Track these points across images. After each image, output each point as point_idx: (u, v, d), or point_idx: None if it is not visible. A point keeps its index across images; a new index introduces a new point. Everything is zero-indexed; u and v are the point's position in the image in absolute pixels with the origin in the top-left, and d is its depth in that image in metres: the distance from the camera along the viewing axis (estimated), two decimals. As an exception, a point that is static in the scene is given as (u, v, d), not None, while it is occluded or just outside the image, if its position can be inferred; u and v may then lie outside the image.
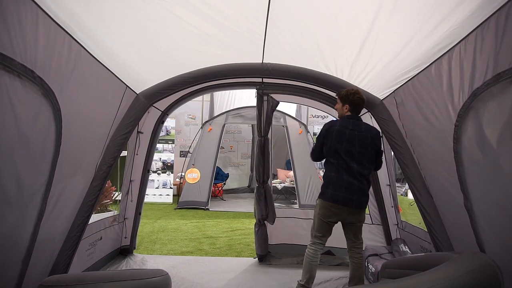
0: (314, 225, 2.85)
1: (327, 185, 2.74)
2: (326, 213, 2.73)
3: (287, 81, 3.32)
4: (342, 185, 2.67)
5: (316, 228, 2.82)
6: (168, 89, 3.12)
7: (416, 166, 2.67)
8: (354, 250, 2.86)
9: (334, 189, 2.69)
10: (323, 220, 2.77)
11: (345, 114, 2.82)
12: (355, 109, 2.79)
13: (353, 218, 2.75)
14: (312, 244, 2.84)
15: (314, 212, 2.87)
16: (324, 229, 2.80)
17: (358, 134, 2.70)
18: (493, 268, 1.52)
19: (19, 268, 1.93)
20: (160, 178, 8.04)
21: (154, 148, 4.11)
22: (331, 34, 2.40)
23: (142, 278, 1.84)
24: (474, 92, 1.77)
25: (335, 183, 2.69)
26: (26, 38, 1.60)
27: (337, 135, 2.71)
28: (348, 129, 2.71)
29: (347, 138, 2.69)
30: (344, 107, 2.81)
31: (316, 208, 2.84)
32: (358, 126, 2.75)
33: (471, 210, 1.98)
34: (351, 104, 2.77)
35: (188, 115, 9.41)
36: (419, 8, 1.87)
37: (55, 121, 1.96)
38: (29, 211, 1.94)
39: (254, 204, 3.87)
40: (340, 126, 2.74)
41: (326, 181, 2.77)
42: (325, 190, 2.76)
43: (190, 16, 2.17)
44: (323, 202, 2.75)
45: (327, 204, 2.72)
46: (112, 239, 3.85)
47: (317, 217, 2.81)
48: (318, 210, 2.79)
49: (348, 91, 2.78)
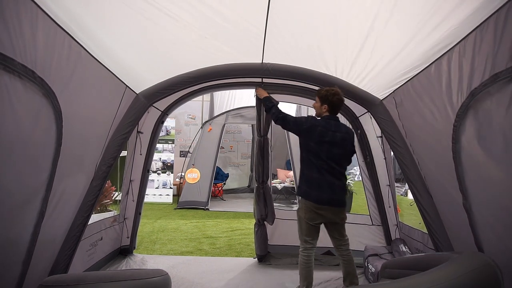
0: (302, 230, 2.84)
1: (310, 186, 2.74)
2: (312, 216, 2.74)
3: (287, 81, 3.32)
4: (325, 186, 2.70)
5: (305, 233, 2.82)
6: (167, 89, 3.12)
7: (415, 166, 2.68)
8: (341, 248, 2.88)
9: (318, 190, 2.71)
10: (310, 224, 2.78)
11: (323, 113, 2.81)
12: (333, 110, 2.79)
13: (337, 217, 2.79)
14: (304, 249, 2.83)
15: (299, 216, 2.86)
16: (312, 232, 2.82)
17: (339, 136, 2.73)
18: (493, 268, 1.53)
19: (19, 268, 1.94)
20: (160, 178, 8.04)
21: (154, 148, 4.12)
22: (331, 34, 2.40)
23: (142, 278, 1.84)
24: (472, 92, 1.78)
25: (318, 184, 2.71)
26: (26, 38, 1.60)
27: (320, 136, 2.71)
28: (330, 130, 2.73)
29: (329, 139, 2.71)
30: (322, 107, 2.80)
31: (300, 211, 2.83)
32: (339, 127, 2.78)
33: (470, 210, 1.98)
34: (330, 105, 2.77)
35: (188, 115, 9.41)
36: (419, 9, 1.87)
37: (55, 122, 1.96)
38: (30, 211, 1.94)
39: (253, 204, 3.87)
40: (323, 127, 2.73)
41: (308, 181, 2.76)
42: (308, 190, 2.76)
43: (189, 17, 2.17)
44: (307, 203, 2.75)
45: (312, 205, 2.73)
46: (112, 239, 3.85)
47: (303, 221, 2.80)
48: (304, 214, 2.78)
49: (328, 91, 2.76)
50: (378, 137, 3.73)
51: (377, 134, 3.71)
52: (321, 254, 3.93)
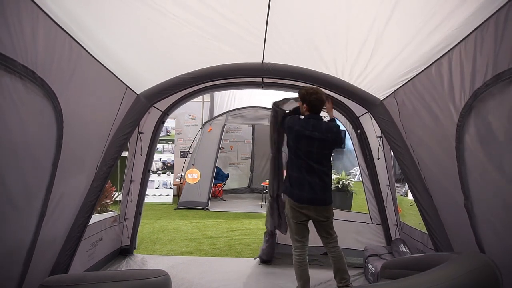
0: (291, 229, 2.89)
1: (292, 184, 2.79)
2: (296, 214, 2.79)
3: (287, 81, 3.32)
4: (305, 185, 2.72)
5: (294, 232, 2.86)
6: (168, 90, 3.12)
7: (415, 166, 2.68)
8: (329, 245, 2.89)
9: (298, 188, 2.74)
10: (296, 223, 2.81)
11: (305, 113, 2.85)
12: (313, 109, 2.82)
13: (321, 215, 2.80)
14: (296, 248, 2.85)
15: (286, 215, 2.91)
16: (301, 230, 2.85)
17: (317, 136, 2.73)
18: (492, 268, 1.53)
19: (20, 268, 1.94)
20: (160, 178, 8.04)
21: (154, 148, 4.12)
22: (331, 34, 2.40)
23: (142, 278, 1.85)
24: (475, 93, 1.78)
25: (298, 182, 2.74)
26: (26, 39, 1.60)
27: (296, 136, 2.76)
28: (307, 130, 2.74)
29: (306, 139, 2.73)
30: (303, 106, 2.85)
31: (287, 210, 2.88)
32: (319, 126, 2.77)
33: (471, 211, 1.98)
34: (308, 104, 2.81)
35: (188, 116, 9.41)
36: (420, 9, 1.88)
37: (56, 122, 1.96)
38: (31, 212, 1.95)
39: (266, 216, 3.74)
40: (299, 126, 2.77)
41: (290, 180, 2.82)
42: (290, 188, 2.81)
43: (190, 17, 2.17)
44: (291, 202, 2.80)
45: (294, 204, 2.77)
46: (112, 240, 3.86)
47: (291, 220, 2.85)
48: (289, 213, 2.83)
49: (307, 91, 2.81)
50: (378, 137, 3.73)
51: (377, 134, 3.71)
52: (321, 254, 3.93)
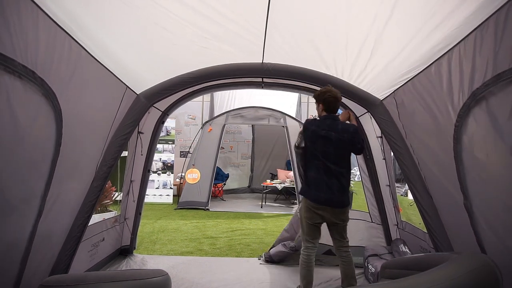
0: (303, 229, 2.88)
1: (309, 185, 2.79)
2: (312, 215, 2.77)
3: (287, 81, 3.32)
4: (323, 186, 2.71)
5: (306, 232, 2.85)
6: (168, 90, 3.12)
7: (415, 166, 2.68)
8: (341, 249, 2.87)
9: (315, 189, 2.73)
10: (310, 223, 2.80)
11: (321, 113, 2.86)
12: (329, 107, 2.81)
13: (337, 218, 2.77)
14: (305, 248, 2.85)
15: (300, 215, 2.89)
16: (313, 231, 2.84)
17: (334, 135, 2.72)
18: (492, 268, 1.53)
19: (17, 267, 1.94)
20: (160, 178, 8.04)
21: (154, 148, 4.12)
22: (331, 34, 2.40)
23: (142, 278, 1.85)
24: (474, 93, 1.78)
25: (316, 183, 2.74)
26: (26, 39, 1.60)
27: (312, 136, 2.76)
28: (324, 130, 2.73)
29: (322, 139, 2.72)
30: (319, 107, 2.86)
31: (301, 211, 2.87)
32: (335, 126, 2.76)
33: (470, 210, 1.98)
34: (324, 103, 2.80)
35: (188, 116, 9.42)
36: (419, 9, 1.88)
37: (55, 122, 1.96)
38: (29, 210, 1.95)
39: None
40: (315, 127, 2.78)
41: (307, 180, 2.82)
42: (307, 189, 2.81)
43: (189, 17, 2.17)
44: (307, 202, 2.79)
45: (311, 205, 2.76)
46: (113, 240, 3.86)
47: (304, 220, 2.84)
48: (304, 213, 2.82)
49: (321, 91, 2.83)
50: (378, 137, 3.73)
51: (377, 134, 3.71)
52: (322, 254, 3.93)
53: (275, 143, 9.81)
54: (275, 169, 9.30)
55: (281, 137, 8.64)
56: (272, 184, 8.09)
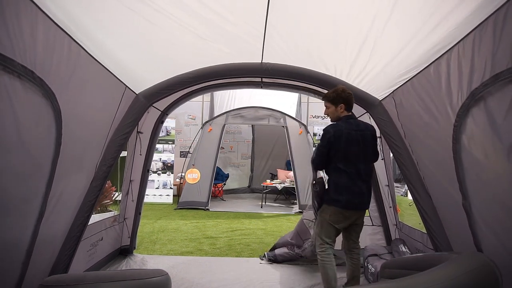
0: (322, 231, 2.72)
1: (340, 192, 2.63)
2: (339, 218, 2.66)
3: (286, 81, 3.33)
4: (355, 191, 2.62)
5: (325, 234, 2.71)
6: (167, 89, 3.12)
7: (414, 166, 2.68)
8: (354, 251, 2.84)
9: (348, 195, 2.62)
10: (333, 226, 2.69)
11: (340, 115, 2.74)
12: (349, 106, 2.74)
13: (360, 219, 2.77)
14: (325, 249, 2.71)
15: (322, 217, 2.74)
16: (334, 234, 2.73)
17: (361, 134, 2.67)
18: (492, 268, 1.53)
19: (19, 268, 1.94)
20: (160, 178, 8.04)
21: (154, 148, 4.12)
22: (330, 34, 2.41)
23: (142, 278, 1.85)
24: (473, 93, 1.78)
25: (349, 189, 2.62)
26: (25, 39, 1.61)
27: (347, 140, 2.61)
28: (353, 130, 2.65)
29: (355, 141, 2.64)
30: (338, 108, 2.72)
31: (325, 213, 2.71)
32: (359, 125, 2.72)
33: (469, 210, 1.98)
34: (345, 102, 2.70)
35: (188, 116, 9.42)
36: (418, 9, 1.88)
37: (55, 122, 1.96)
38: (30, 211, 1.95)
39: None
40: (347, 129, 2.64)
41: (336, 187, 2.65)
42: (337, 197, 2.63)
43: (188, 18, 2.18)
44: (335, 208, 2.65)
45: (339, 211, 2.64)
46: (112, 239, 3.86)
47: (326, 222, 2.70)
48: (328, 216, 2.68)
49: (337, 91, 2.70)
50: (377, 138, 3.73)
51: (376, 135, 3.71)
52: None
53: (275, 143, 9.82)
54: (275, 169, 9.31)
55: (281, 137, 8.64)
56: (272, 184, 8.10)
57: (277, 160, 9.83)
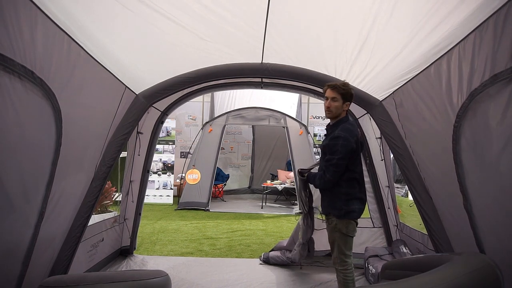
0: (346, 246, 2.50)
1: (353, 202, 2.45)
2: (354, 227, 2.51)
3: (286, 81, 3.32)
4: (363, 198, 2.57)
5: (346, 248, 2.50)
6: (167, 89, 3.11)
7: (415, 167, 2.67)
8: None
9: (359, 204, 2.51)
10: (350, 236, 2.50)
11: (342, 113, 2.48)
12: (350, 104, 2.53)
13: None
14: (348, 265, 2.51)
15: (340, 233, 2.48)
16: (352, 244, 2.55)
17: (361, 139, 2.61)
18: (493, 268, 1.53)
19: (19, 269, 1.94)
20: (160, 179, 8.04)
21: (153, 148, 4.11)
22: (330, 35, 2.40)
23: (142, 279, 1.85)
24: (472, 93, 1.78)
25: (361, 199, 2.53)
26: (25, 39, 1.61)
27: (357, 147, 2.44)
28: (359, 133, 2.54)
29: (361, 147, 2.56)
30: (344, 105, 2.45)
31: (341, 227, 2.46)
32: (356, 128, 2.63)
33: (470, 211, 1.98)
34: (351, 101, 2.50)
35: (188, 116, 9.42)
36: (419, 9, 1.88)
37: (55, 122, 1.96)
38: (30, 211, 1.95)
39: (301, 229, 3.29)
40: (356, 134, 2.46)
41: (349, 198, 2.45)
42: (351, 207, 2.44)
43: (188, 18, 2.18)
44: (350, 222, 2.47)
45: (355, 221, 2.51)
46: (113, 240, 3.85)
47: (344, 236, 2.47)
48: (346, 228, 2.45)
49: (347, 86, 2.43)
50: (377, 138, 3.73)
51: (377, 136, 3.71)
52: (323, 256, 3.93)
53: (276, 144, 9.81)
54: (276, 170, 9.30)
55: (282, 138, 8.64)
56: (273, 185, 8.09)
57: (277, 160, 9.82)
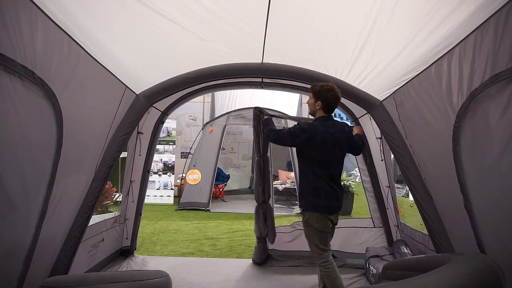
0: (318, 240, 2.60)
1: (318, 196, 2.54)
2: (326, 223, 2.57)
3: (286, 81, 3.32)
4: (333, 195, 2.57)
5: (321, 242, 2.60)
6: (167, 89, 3.12)
7: (416, 167, 2.67)
8: None
9: (326, 200, 2.55)
10: (324, 231, 2.59)
11: (317, 111, 2.61)
12: (328, 108, 2.59)
13: (336, 221, 2.69)
14: (326, 258, 2.59)
15: (310, 227, 2.61)
16: (327, 239, 2.64)
17: (337, 137, 2.57)
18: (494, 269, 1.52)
19: (20, 269, 1.94)
20: (161, 179, 8.04)
21: (154, 148, 4.11)
22: (330, 35, 2.40)
23: (142, 279, 1.85)
24: (473, 93, 1.77)
25: (326, 193, 2.55)
26: (25, 39, 1.61)
27: (322, 144, 2.51)
28: (329, 133, 2.54)
29: (331, 145, 2.55)
30: (316, 104, 2.58)
31: (311, 221, 2.58)
32: (335, 127, 2.60)
33: (471, 211, 1.97)
34: (324, 102, 2.55)
35: (189, 116, 9.42)
36: (419, 9, 1.87)
37: (56, 122, 1.96)
38: (31, 211, 1.95)
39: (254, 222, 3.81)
40: (323, 133, 2.52)
41: (316, 192, 2.55)
42: (316, 201, 2.55)
43: (188, 19, 2.18)
44: (318, 215, 2.56)
45: (323, 215, 2.56)
46: (113, 240, 3.85)
47: (317, 231, 2.58)
48: (317, 223, 2.56)
49: (323, 87, 2.54)
50: (377, 139, 3.72)
51: (377, 136, 3.70)
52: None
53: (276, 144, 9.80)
54: (276, 170, 9.29)
55: (282, 138, 8.62)
56: (273, 185, 8.08)
57: (277, 161, 9.80)
